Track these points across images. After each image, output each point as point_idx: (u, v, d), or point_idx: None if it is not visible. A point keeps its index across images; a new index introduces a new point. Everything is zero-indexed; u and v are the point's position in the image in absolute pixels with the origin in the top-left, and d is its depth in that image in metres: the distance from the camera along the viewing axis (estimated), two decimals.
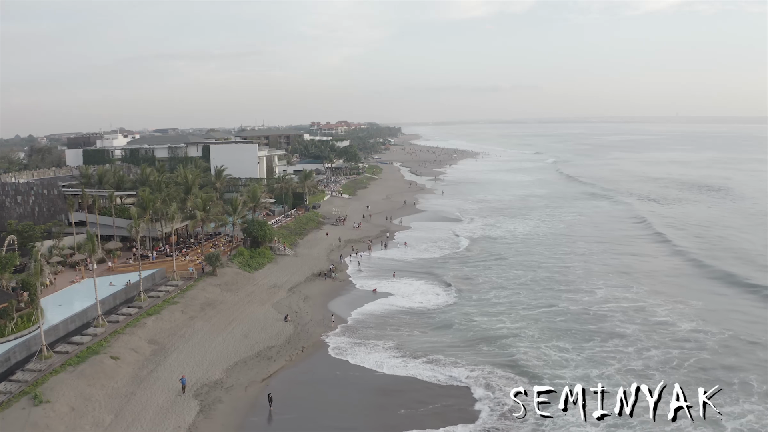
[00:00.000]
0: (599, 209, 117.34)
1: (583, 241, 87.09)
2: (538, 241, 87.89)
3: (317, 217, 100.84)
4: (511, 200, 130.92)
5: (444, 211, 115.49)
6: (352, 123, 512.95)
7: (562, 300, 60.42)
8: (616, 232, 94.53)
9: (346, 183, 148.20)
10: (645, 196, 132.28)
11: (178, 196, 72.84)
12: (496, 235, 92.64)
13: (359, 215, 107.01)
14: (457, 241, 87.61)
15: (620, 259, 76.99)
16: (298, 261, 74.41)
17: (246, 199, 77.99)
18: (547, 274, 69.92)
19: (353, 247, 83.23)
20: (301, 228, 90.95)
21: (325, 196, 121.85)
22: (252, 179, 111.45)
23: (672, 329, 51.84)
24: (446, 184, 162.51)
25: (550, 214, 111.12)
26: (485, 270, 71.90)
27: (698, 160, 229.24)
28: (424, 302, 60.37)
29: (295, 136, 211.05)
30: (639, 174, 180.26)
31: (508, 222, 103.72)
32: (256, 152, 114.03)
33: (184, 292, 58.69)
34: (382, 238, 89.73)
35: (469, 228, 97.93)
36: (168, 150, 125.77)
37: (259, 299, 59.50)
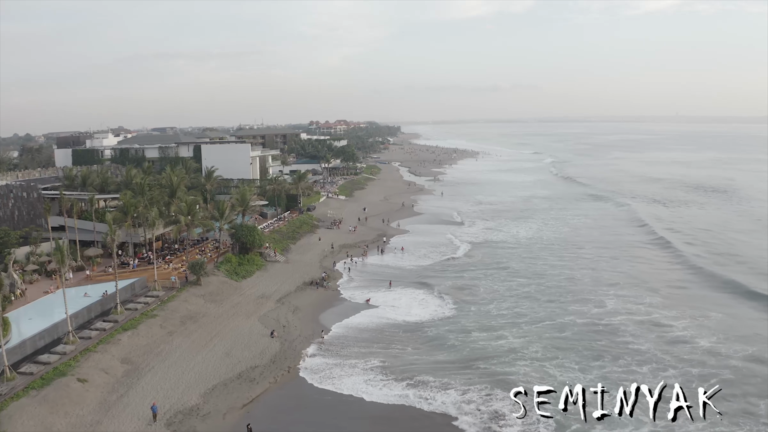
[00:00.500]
0: (604, 212, 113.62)
1: (589, 246, 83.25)
2: (542, 246, 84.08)
3: (311, 220, 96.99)
4: (512, 202, 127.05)
5: (443, 213, 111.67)
6: (351, 122, 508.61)
7: (568, 312, 56.61)
8: (623, 236, 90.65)
9: (343, 184, 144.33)
10: (650, 198, 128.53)
11: (162, 200, 69.01)
12: (497, 239, 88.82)
13: (355, 218, 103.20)
14: (457, 246, 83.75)
15: (630, 266, 73.14)
16: (289, 268, 70.57)
17: (234, 202, 74.11)
18: (552, 283, 66.11)
19: (348, 252, 79.39)
20: (294, 232, 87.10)
21: (320, 197, 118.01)
22: (244, 180, 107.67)
23: (690, 346, 48.04)
24: (446, 184, 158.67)
25: (554, 217, 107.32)
26: (486, 278, 68.07)
27: (700, 160, 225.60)
28: (419, 315, 56.41)
29: (291, 135, 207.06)
30: (641, 174, 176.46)
31: (510, 225, 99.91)
32: (249, 152, 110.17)
33: (164, 303, 54.86)
34: (378, 242, 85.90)
35: (470, 232, 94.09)
36: (158, 150, 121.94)
37: (245, 311, 55.66)
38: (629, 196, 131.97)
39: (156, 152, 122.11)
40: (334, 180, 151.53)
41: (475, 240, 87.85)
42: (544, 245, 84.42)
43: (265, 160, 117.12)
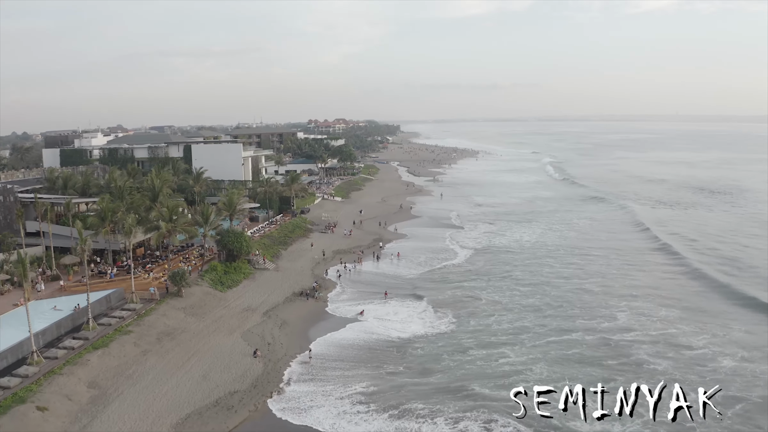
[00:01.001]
0: (610, 215, 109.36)
1: (597, 253, 79.12)
2: (547, 252, 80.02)
3: (305, 223, 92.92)
4: (515, 204, 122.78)
5: (443, 216, 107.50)
6: (350, 120, 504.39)
7: (576, 327, 52.61)
8: (631, 242, 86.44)
9: (340, 184, 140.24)
10: (656, 201, 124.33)
11: (143, 205, 64.93)
12: (500, 244, 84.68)
13: (351, 221, 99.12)
14: (457, 252, 79.62)
15: (640, 275, 69.03)
16: (279, 276, 66.53)
17: (221, 206, 70.02)
18: (558, 293, 62.10)
19: (341, 259, 75.27)
20: (286, 237, 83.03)
21: (315, 199, 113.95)
22: (235, 182, 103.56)
23: (713, 366, 44.11)
24: (445, 185, 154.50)
25: (560, 220, 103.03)
26: (487, 288, 64.02)
27: (704, 161, 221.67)
28: (413, 330, 52.29)
29: (288, 134, 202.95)
30: (646, 175, 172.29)
31: (513, 229, 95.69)
32: (241, 152, 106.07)
33: (141, 318, 50.84)
34: (374, 248, 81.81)
35: (470, 236, 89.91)
36: (148, 150, 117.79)
37: (227, 326, 51.61)
38: (635, 198, 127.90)
39: (145, 152, 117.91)
40: (331, 180, 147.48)
41: (476, 245, 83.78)
42: (549, 251, 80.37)
43: (258, 160, 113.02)
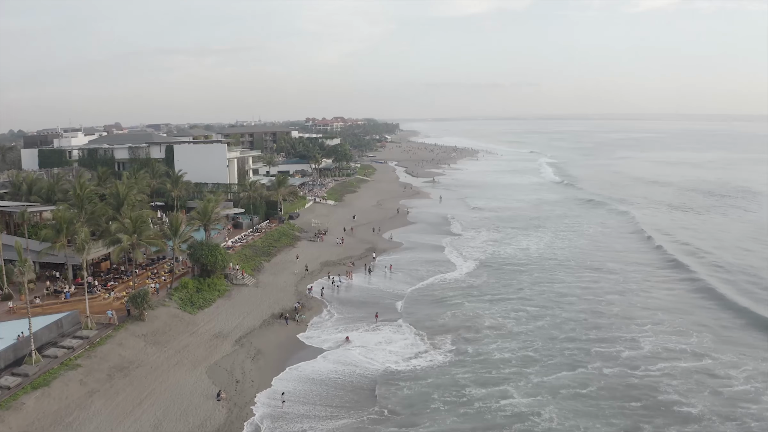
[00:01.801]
0: (622, 221, 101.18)
1: (612, 265, 72.15)
2: (558, 263, 73.12)
3: (293, 230, 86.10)
4: (519, 208, 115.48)
5: (442, 222, 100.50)
6: (348, 119, 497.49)
7: (592, 356, 45.95)
8: (650, 253, 78.83)
9: (334, 186, 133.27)
10: (669, 206, 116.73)
11: (106, 214, 58.14)
12: (504, 255, 77.62)
13: (343, 227, 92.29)
14: (457, 265, 72.70)
15: (664, 292, 61.96)
16: (259, 294, 59.73)
17: (195, 215, 63.18)
18: (570, 314, 55.36)
19: (329, 272, 68.39)
20: (270, 246, 76.18)
21: (306, 202, 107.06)
22: (220, 185, 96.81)
23: (758, 407, 37.50)
24: (444, 187, 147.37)
25: (568, 227, 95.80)
26: (490, 308, 57.19)
27: (710, 161, 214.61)
28: (404, 360, 45.77)
29: (282, 133, 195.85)
30: (652, 177, 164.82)
31: (518, 237, 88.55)
32: (225, 153, 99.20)
33: (93, 348, 44.05)
34: (366, 259, 74.95)
35: (472, 246, 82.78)
36: (128, 151, 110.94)
37: (192, 358, 44.84)
38: (645, 203, 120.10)
39: (126, 153, 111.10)
40: (324, 182, 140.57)
41: (479, 256, 76.77)
42: (560, 262, 73.40)
43: (245, 161, 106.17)
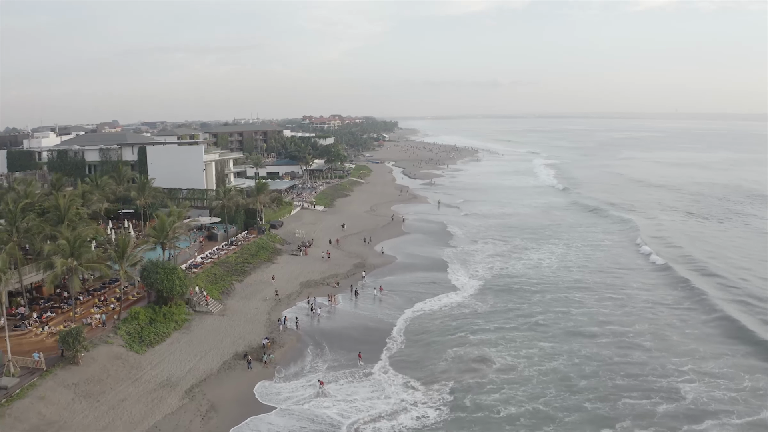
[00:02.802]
0: (641, 232, 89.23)
1: (637, 285, 62.57)
2: (573, 282, 63.69)
3: (274, 242, 76.70)
4: (527, 215, 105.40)
5: (441, 231, 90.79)
6: (346, 117, 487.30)
7: (620, 412, 36.81)
8: (676, 272, 68.21)
9: (324, 190, 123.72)
10: (686, 212, 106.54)
11: (42, 233, 48.77)
12: (513, 272, 67.99)
13: (333, 237, 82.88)
14: (459, 286, 63.13)
15: (702, 321, 52.34)
16: (223, 325, 50.34)
17: (150, 232, 53.76)
18: (592, 349, 46.12)
19: (309, 296, 58.84)
20: (245, 262, 66.74)
21: (292, 209, 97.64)
22: (195, 191, 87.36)
23: None
24: (444, 190, 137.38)
25: (582, 238, 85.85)
26: (497, 343, 47.74)
27: (715, 162, 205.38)
28: (387, 418, 36.54)
29: (273, 132, 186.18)
30: (661, 179, 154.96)
31: (527, 249, 78.71)
32: (202, 156, 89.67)
33: (10, 402, 34.95)
34: (354, 278, 65.37)
35: (476, 261, 73.01)
36: (99, 152, 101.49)
37: (128, 418, 35.45)
38: (661, 209, 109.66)
39: (97, 155, 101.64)
40: (315, 185, 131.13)
41: (484, 274, 67.16)
42: (576, 282, 63.91)
43: (224, 164, 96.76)
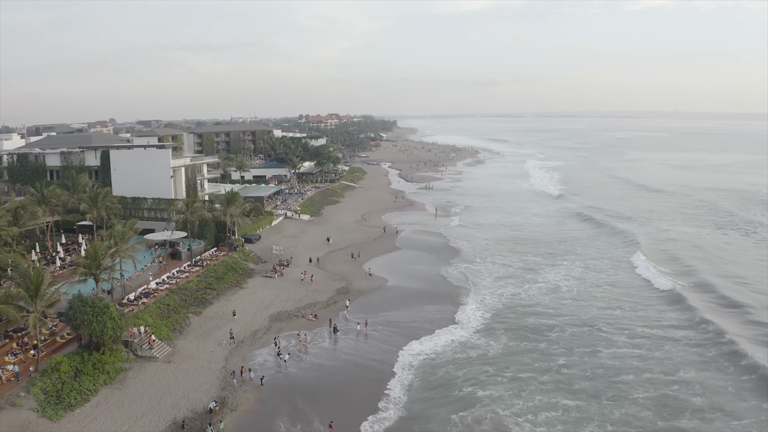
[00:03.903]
0: (671, 246, 78.57)
1: (675, 316, 52.34)
2: (599, 312, 53.51)
3: (246, 261, 66.77)
4: (537, 225, 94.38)
5: (440, 245, 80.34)
6: (344, 115, 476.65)
7: None
8: (729, 295, 57.87)
9: (312, 196, 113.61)
10: (715, 223, 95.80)
11: None
12: (526, 299, 57.54)
13: (315, 253, 72.95)
14: (461, 317, 52.88)
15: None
16: (167, 376, 40.42)
17: (79, 260, 43.81)
18: (629, 408, 36.56)
19: (278, 335, 48.57)
20: (208, 288, 56.71)
21: (273, 219, 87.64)
22: (161, 200, 77.40)
23: None
24: (443, 196, 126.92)
25: (603, 252, 75.50)
26: (512, 402, 37.76)
27: (727, 164, 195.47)
28: None
29: (261, 132, 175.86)
30: (676, 185, 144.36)
31: (541, 269, 68.35)
32: (169, 161, 79.53)
33: None
34: (337, 307, 55.28)
35: (482, 283, 62.62)
36: (60, 156, 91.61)
37: None
38: (683, 220, 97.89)
39: (58, 159, 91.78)
40: (304, 189, 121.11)
41: (492, 301, 56.85)
42: (601, 311, 53.68)
43: (196, 170, 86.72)
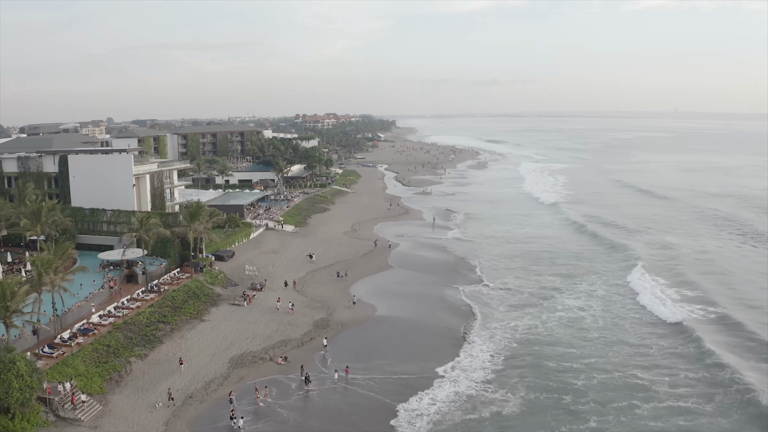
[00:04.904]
0: (713, 265, 69.77)
1: (732, 357, 43.62)
2: (632, 350, 44.94)
3: (214, 283, 57.86)
4: (551, 238, 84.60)
5: (439, 262, 71.03)
6: (342, 115, 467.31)
7: None
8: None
9: (300, 203, 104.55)
10: (743, 234, 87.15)
11: None
12: (545, 334, 48.43)
13: (295, 272, 64.10)
14: (469, 362, 43.45)
15: None
16: None
17: None
18: None
19: (233, 393, 39.23)
20: (161, 322, 47.75)
21: (252, 231, 78.71)
22: (121, 212, 68.48)
23: None
24: (442, 202, 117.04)
25: (626, 270, 66.48)
26: None
27: (739, 166, 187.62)
28: None
29: (250, 133, 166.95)
30: (689, 186, 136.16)
31: (560, 290, 59.69)
32: (131, 168, 70.57)
33: None
34: (313, 345, 46.29)
35: (491, 314, 53.28)
36: (18, 162, 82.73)
37: None
38: (708, 235, 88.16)
39: (15, 164, 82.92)
40: (292, 195, 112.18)
41: (503, 336, 47.83)
42: (634, 350, 44.84)
43: (163, 177, 77.59)
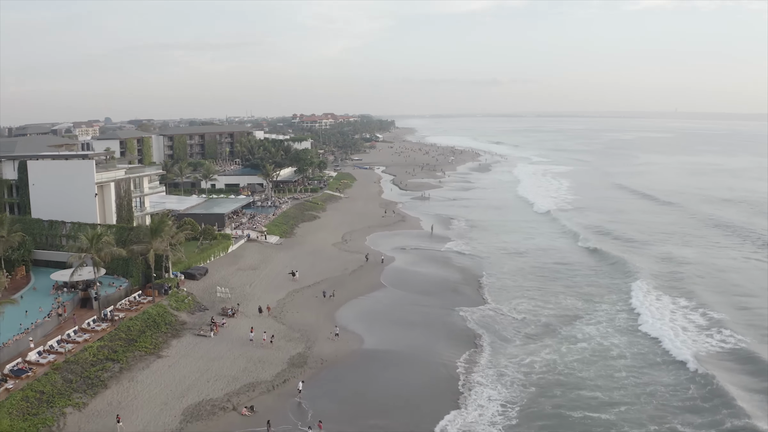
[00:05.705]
0: (744, 287, 61.45)
1: None
2: (668, 393, 37.26)
3: (179, 308, 50.29)
4: (566, 252, 76.73)
5: (437, 279, 63.23)
6: (340, 115, 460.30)
7: None
8: None
9: (287, 210, 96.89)
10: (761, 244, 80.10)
11: None
12: (565, 373, 40.84)
13: (275, 292, 56.55)
14: (474, 415, 35.88)
15: None
16: None
17: None
18: None
19: None
20: (109, 359, 40.19)
21: (231, 244, 71.08)
22: (80, 225, 60.79)
23: None
24: (441, 208, 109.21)
25: (653, 287, 59.08)
26: None
27: (746, 168, 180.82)
28: None
29: (240, 134, 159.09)
30: (699, 191, 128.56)
31: (579, 315, 52.47)
32: (93, 175, 62.83)
33: None
34: (286, 389, 38.81)
35: (499, 349, 45.68)
36: None
37: None
38: (732, 247, 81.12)
39: None
40: (280, 201, 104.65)
41: (517, 379, 40.18)
42: (670, 392, 37.20)
43: (130, 185, 69.64)
